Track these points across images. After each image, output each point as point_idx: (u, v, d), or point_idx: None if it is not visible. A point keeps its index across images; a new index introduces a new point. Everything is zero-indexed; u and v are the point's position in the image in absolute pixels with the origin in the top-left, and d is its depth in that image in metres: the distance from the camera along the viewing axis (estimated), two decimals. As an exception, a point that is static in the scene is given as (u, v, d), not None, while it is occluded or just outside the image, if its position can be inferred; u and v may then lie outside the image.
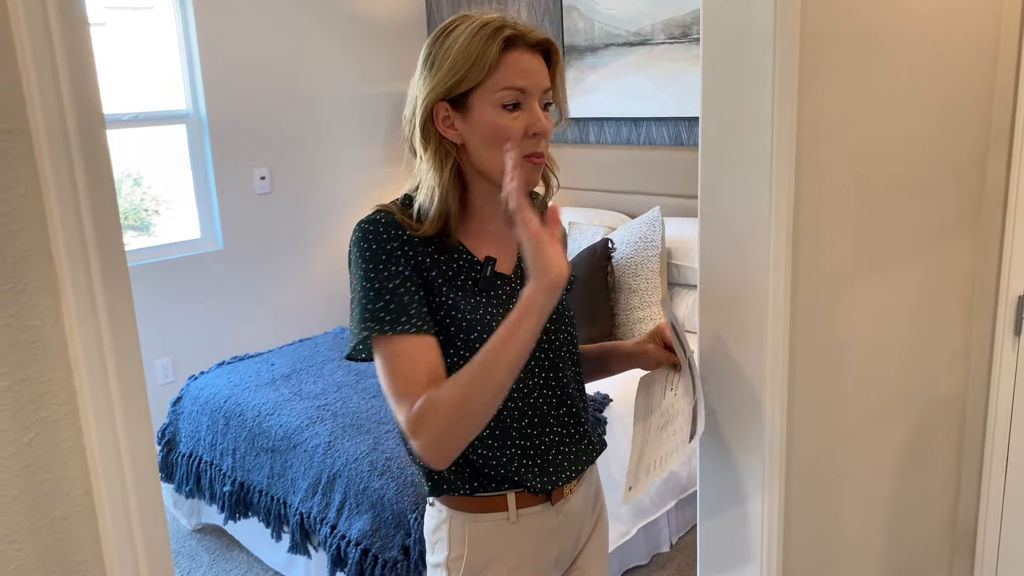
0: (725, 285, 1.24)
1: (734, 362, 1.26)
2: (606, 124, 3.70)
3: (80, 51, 0.53)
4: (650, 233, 2.93)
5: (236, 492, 2.57)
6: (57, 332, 0.58)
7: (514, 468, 1.16)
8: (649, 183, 3.49)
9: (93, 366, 0.58)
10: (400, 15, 4.21)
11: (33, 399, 0.57)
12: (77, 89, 0.54)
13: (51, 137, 0.55)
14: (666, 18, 3.37)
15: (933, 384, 1.73)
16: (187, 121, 3.57)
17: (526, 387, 1.17)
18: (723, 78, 1.17)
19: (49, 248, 0.57)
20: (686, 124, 3.44)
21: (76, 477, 0.59)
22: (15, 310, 0.56)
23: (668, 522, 2.70)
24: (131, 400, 0.60)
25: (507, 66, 1.07)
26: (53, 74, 0.54)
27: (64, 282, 0.57)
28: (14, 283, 0.56)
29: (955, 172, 1.64)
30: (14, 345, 0.56)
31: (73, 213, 0.56)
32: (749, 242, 1.20)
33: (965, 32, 1.56)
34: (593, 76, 3.66)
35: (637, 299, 2.93)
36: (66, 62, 0.54)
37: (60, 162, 0.55)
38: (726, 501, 1.33)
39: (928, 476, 1.79)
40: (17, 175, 0.55)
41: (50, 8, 0.53)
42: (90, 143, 0.56)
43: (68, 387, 0.59)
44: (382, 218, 1.08)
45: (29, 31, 0.53)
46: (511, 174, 1.02)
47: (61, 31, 0.53)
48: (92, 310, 0.58)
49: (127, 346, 0.59)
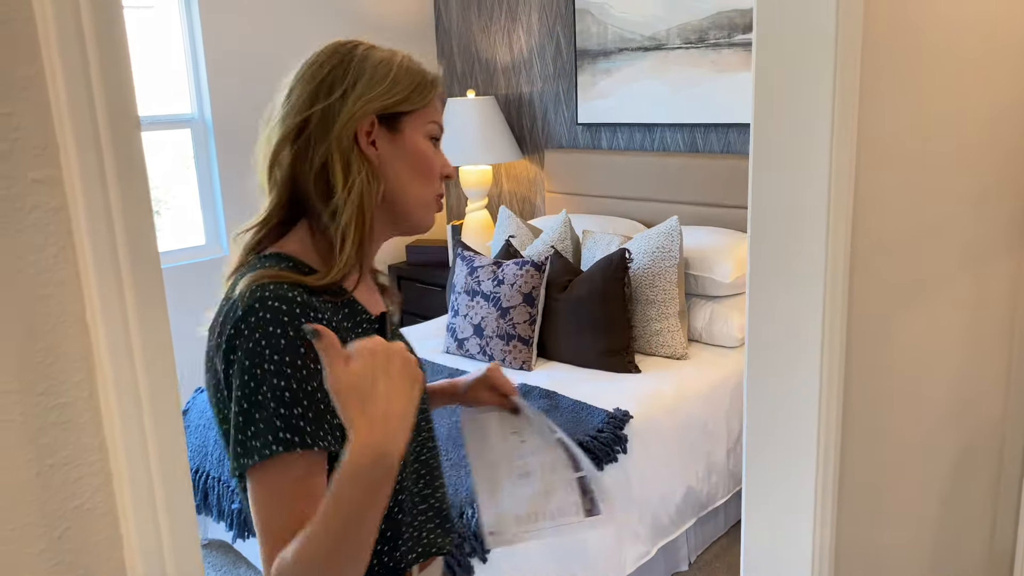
0: (777, 300, 1.18)
1: (786, 380, 1.20)
2: (619, 130, 3.63)
3: (124, 105, 0.46)
4: (668, 243, 2.86)
5: (245, 510, 2.50)
6: (91, 410, 0.51)
7: None
8: (663, 190, 3.42)
9: (133, 449, 0.51)
10: (408, 18, 4.14)
11: (63, 487, 0.51)
12: (120, 142, 0.48)
13: (89, 190, 0.48)
14: (682, 23, 3.30)
15: (976, 408, 1.67)
16: (192, 125, 3.49)
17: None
18: (778, 84, 1.11)
19: (84, 315, 0.50)
20: (701, 131, 3.37)
21: (112, 574, 0.52)
22: (44, 387, 0.49)
23: (687, 540, 2.63)
24: (173, 488, 0.53)
25: (436, 102, 1.03)
26: (92, 122, 0.47)
27: (100, 353, 0.50)
28: (43, 356, 0.49)
29: (1000, 191, 1.58)
30: (43, 427, 0.49)
31: (113, 277, 0.49)
32: (803, 273, 1.14)
33: (1015, 48, 1.50)
34: (606, 81, 3.59)
35: (654, 311, 2.87)
36: (105, 108, 0.47)
37: (98, 221, 0.48)
38: (774, 524, 1.28)
39: (968, 501, 1.74)
40: (50, 231, 0.48)
41: (90, 50, 0.46)
42: (132, 198, 0.49)
43: (103, 471, 0.52)
44: (296, 296, 0.88)
45: (64, 69, 0.46)
46: None
47: (101, 74, 0.47)
48: (133, 385, 0.51)
49: (170, 426, 0.52)
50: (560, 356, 2.89)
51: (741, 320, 2.89)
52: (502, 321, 2.86)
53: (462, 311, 2.98)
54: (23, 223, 0.48)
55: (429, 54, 4.25)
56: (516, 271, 2.89)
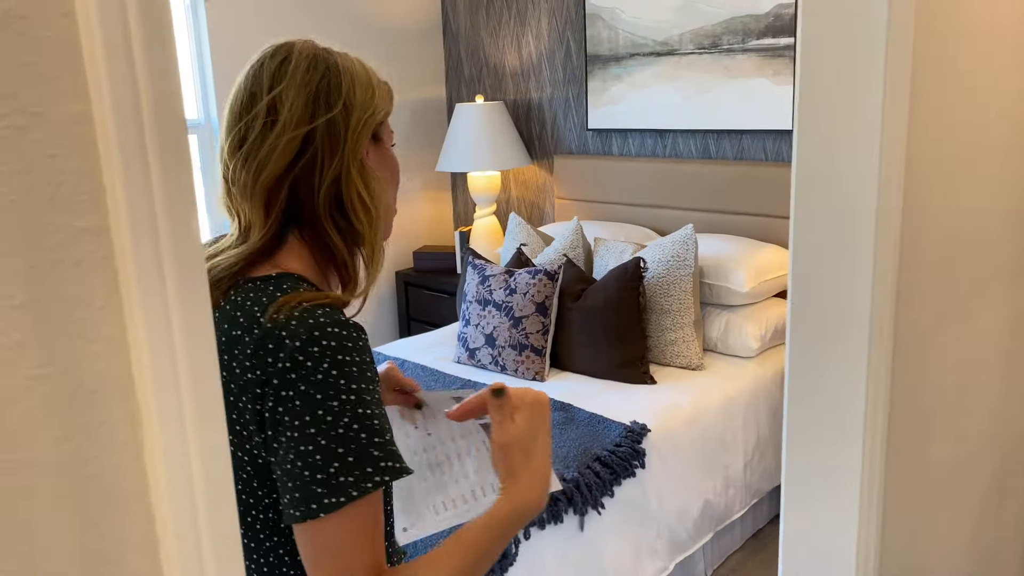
0: (821, 315, 1.14)
1: (829, 396, 1.17)
2: (629, 135, 3.59)
3: (176, 146, 0.42)
4: (683, 251, 2.82)
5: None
6: (137, 472, 0.47)
7: None
8: (676, 197, 3.39)
9: (182, 517, 0.47)
10: (415, 21, 4.09)
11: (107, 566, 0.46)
12: (171, 183, 0.43)
13: (138, 241, 0.44)
14: (695, 28, 3.26)
15: (1013, 424, 1.64)
16: (198, 131, 3.45)
17: None
18: (825, 86, 1.06)
19: (131, 369, 0.46)
20: (714, 137, 3.33)
21: None
22: (88, 454, 0.45)
23: (704, 555, 2.59)
24: (223, 551, 0.48)
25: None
26: (143, 163, 0.43)
27: (148, 411, 0.46)
28: (89, 416, 0.45)
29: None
30: (85, 496, 0.45)
31: (164, 332, 0.45)
32: (848, 280, 1.10)
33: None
34: (616, 86, 3.55)
35: (669, 320, 2.82)
36: (158, 148, 0.43)
37: (151, 280, 0.43)
38: (813, 541, 1.24)
39: (1003, 520, 1.70)
40: (95, 285, 0.44)
41: (142, 85, 0.41)
42: (184, 245, 0.45)
43: (150, 537, 0.48)
44: (348, 319, 0.84)
45: (114, 106, 0.42)
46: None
47: (153, 112, 0.42)
48: (183, 448, 0.46)
49: (222, 493, 0.47)
50: (573, 367, 2.85)
51: (757, 330, 2.85)
52: (514, 331, 2.82)
53: (473, 320, 2.94)
54: (68, 276, 0.44)
55: (436, 58, 4.21)
56: (529, 280, 2.85)
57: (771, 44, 3.07)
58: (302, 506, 0.77)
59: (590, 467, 2.18)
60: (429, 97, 4.20)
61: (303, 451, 0.77)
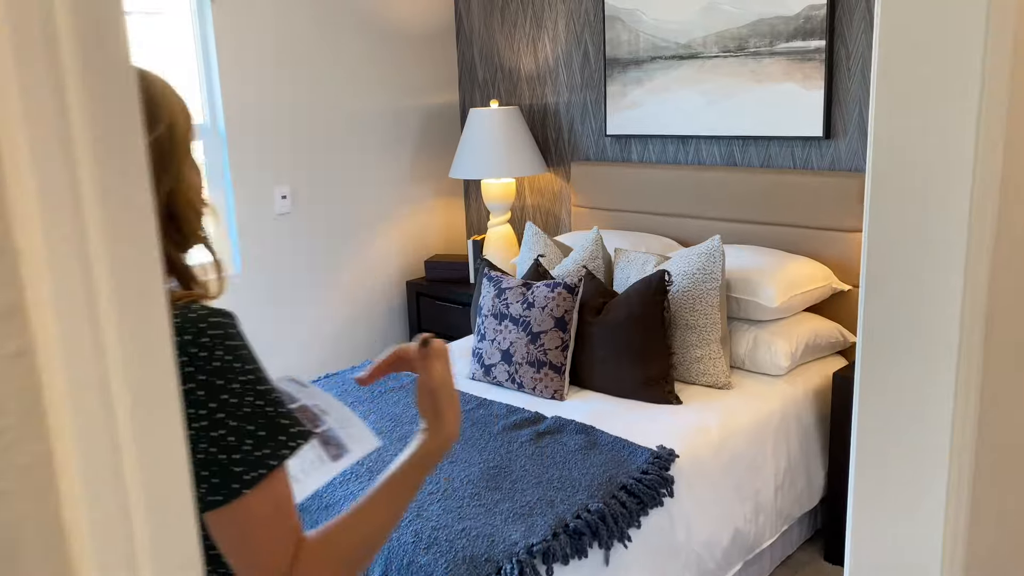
0: (901, 348, 1.01)
1: (910, 433, 1.03)
2: (650, 141, 3.46)
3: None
4: (709, 264, 2.68)
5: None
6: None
7: None
8: (699, 206, 3.25)
9: None
10: (428, 25, 3.97)
11: None
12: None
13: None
14: (720, 30, 3.13)
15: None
16: (204, 136, 3.33)
17: None
18: (908, 89, 0.93)
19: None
20: (740, 143, 3.20)
21: None
22: None
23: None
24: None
25: None
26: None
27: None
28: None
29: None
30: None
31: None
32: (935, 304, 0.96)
33: None
34: (637, 91, 3.42)
35: (695, 336, 2.69)
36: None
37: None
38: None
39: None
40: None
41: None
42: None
43: None
44: (223, 310, 0.90)
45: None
46: None
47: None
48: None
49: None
50: (594, 385, 2.71)
51: (787, 347, 2.71)
52: (532, 347, 2.69)
53: (489, 335, 2.81)
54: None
55: (450, 62, 4.09)
56: (547, 293, 2.71)
57: (800, 47, 2.94)
58: (223, 489, 0.79)
59: (616, 496, 2.05)
60: (442, 102, 4.07)
61: (215, 436, 0.79)
